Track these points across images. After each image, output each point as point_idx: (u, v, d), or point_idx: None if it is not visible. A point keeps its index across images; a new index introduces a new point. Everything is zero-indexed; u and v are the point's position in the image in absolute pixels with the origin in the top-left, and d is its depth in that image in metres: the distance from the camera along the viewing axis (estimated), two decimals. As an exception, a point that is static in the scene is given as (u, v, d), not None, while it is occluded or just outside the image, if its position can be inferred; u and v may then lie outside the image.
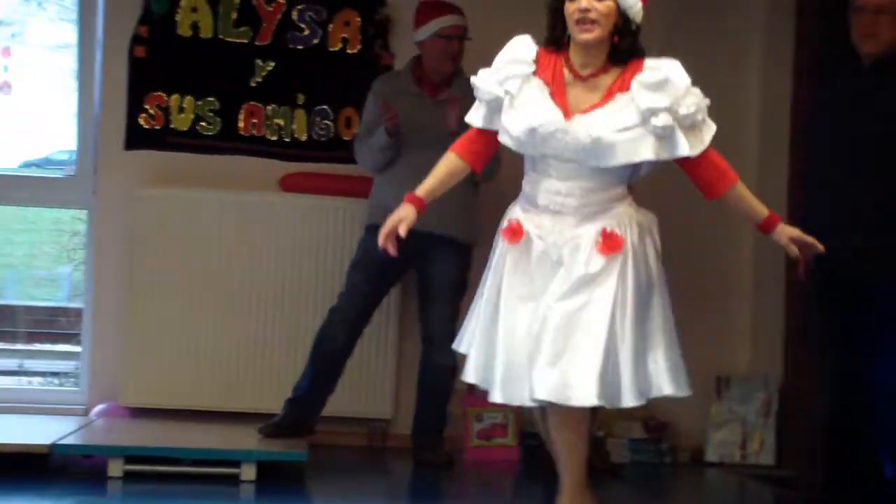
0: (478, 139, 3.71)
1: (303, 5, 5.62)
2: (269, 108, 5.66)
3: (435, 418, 5.24)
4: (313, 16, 5.64)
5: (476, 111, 3.68)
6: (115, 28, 5.56)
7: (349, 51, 5.66)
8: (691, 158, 3.58)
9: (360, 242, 5.18)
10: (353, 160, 5.44)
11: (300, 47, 5.64)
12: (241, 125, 5.64)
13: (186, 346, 5.44)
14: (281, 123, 5.67)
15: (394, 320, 5.55)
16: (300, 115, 5.67)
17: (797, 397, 5.57)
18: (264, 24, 5.62)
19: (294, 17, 5.63)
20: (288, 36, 5.64)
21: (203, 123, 5.63)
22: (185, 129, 5.63)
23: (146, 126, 5.60)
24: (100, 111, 5.63)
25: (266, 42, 5.62)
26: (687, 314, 5.64)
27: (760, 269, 5.82)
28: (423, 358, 5.20)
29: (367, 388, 5.50)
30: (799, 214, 4.33)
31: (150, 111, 5.60)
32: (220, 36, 5.61)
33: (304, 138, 5.68)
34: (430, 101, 5.11)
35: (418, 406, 5.28)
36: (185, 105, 5.62)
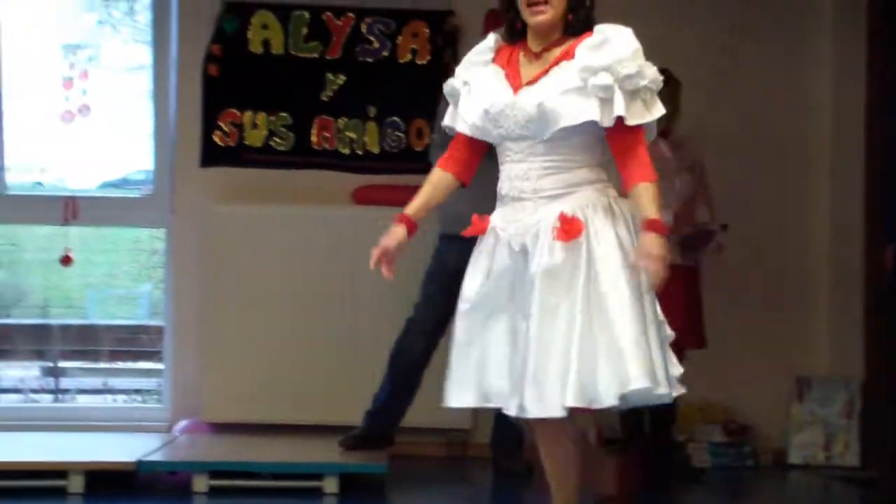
0: (461, 146, 3.51)
1: (372, 18, 5.63)
2: (340, 121, 5.66)
3: (514, 427, 5.19)
4: (382, 28, 5.64)
5: (449, 115, 3.52)
6: (189, 48, 5.60)
7: (418, 62, 5.65)
8: (621, 133, 3.26)
9: (434, 253, 5.14)
10: (425, 171, 5.33)
11: (370, 60, 5.64)
12: (313, 139, 5.66)
13: (266, 361, 5.44)
14: (353, 136, 5.67)
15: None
16: (372, 127, 5.66)
17: (880, 398, 5.47)
18: (334, 39, 5.63)
19: (363, 31, 5.63)
20: (357, 49, 5.64)
21: (276, 139, 5.65)
22: (258, 145, 5.65)
23: (221, 143, 5.63)
24: (175, 130, 5.66)
25: (336, 56, 5.63)
26: (766, 316, 5.70)
27: (839, 270, 5.72)
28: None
29: (435, 397, 5.44)
30: (876, 215, 4.27)
31: (225, 128, 5.63)
32: (291, 52, 5.63)
33: (376, 150, 5.68)
34: None
35: (497, 415, 5.24)
36: (258, 121, 5.64)
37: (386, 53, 5.65)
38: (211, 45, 5.57)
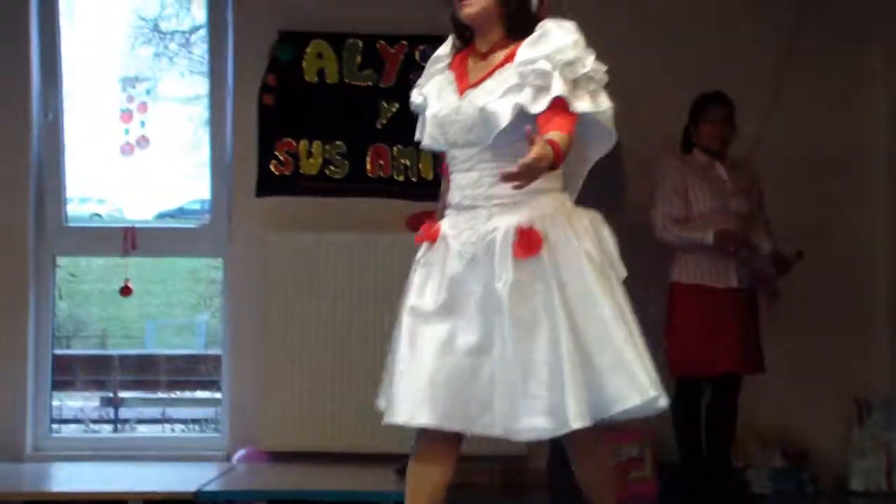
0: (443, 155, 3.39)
1: (425, 45, 5.56)
2: (395, 148, 5.65)
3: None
4: (435, 56, 5.63)
5: (417, 128, 3.41)
6: (245, 78, 5.61)
7: (472, 89, 5.63)
8: (551, 113, 3.04)
9: None
10: None
11: (423, 87, 5.63)
12: (368, 167, 5.65)
13: (323, 389, 5.42)
14: (407, 163, 5.65)
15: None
16: (426, 155, 5.61)
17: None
18: (388, 66, 5.62)
19: (417, 58, 5.59)
20: (411, 76, 5.55)
21: (331, 167, 5.64)
22: (314, 173, 5.65)
23: (277, 172, 5.62)
24: (231, 160, 5.67)
25: (390, 84, 5.63)
26: (825, 338, 5.60)
27: (898, 291, 5.64)
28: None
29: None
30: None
31: (280, 157, 5.63)
32: (346, 80, 5.63)
33: (430, 177, 5.63)
34: None
35: (552, 441, 5.17)
36: (313, 150, 5.64)
37: (439, 80, 5.63)
38: (266, 74, 5.58)
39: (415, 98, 3.41)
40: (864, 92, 5.75)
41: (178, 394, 6.75)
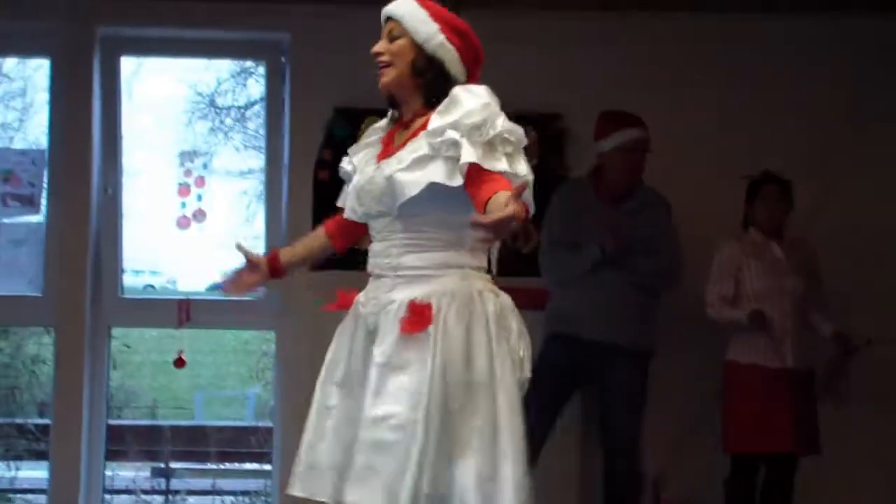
0: (344, 221, 3.39)
1: (477, 122, 5.61)
2: (447, 224, 5.63)
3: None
4: (490, 133, 5.62)
5: (340, 198, 3.40)
6: (300, 153, 5.61)
7: (526, 165, 5.61)
8: (478, 180, 2.88)
9: (540, 353, 5.04)
10: (533, 273, 5.37)
11: (477, 163, 5.62)
12: (423, 242, 5.63)
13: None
14: (460, 239, 5.63)
15: (576, 430, 5.40)
16: (476, 229, 5.62)
17: None
18: (442, 143, 5.62)
19: (469, 134, 5.61)
20: (463, 152, 5.62)
21: (385, 242, 5.63)
22: (367, 247, 5.63)
23: (330, 246, 5.62)
24: (286, 234, 5.64)
25: (445, 160, 5.61)
26: (880, 418, 5.48)
27: None
28: (607, 468, 5.02)
29: (551, 500, 5.33)
30: None
31: (334, 232, 5.62)
32: (400, 156, 5.63)
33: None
34: (612, 211, 4.98)
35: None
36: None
37: (494, 157, 5.62)
38: (322, 150, 5.57)
39: (345, 165, 3.34)
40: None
41: (229, 465, 6.74)
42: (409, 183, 2.98)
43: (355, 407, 3.04)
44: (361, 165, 3.22)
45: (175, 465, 6.49)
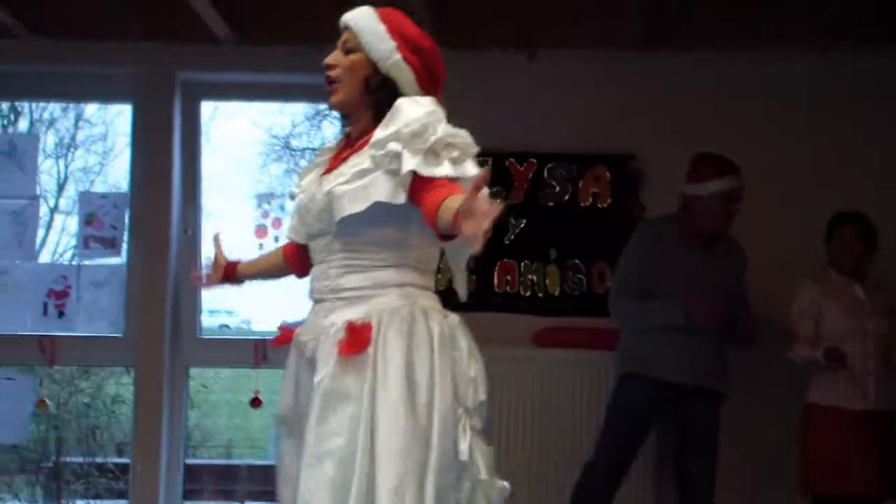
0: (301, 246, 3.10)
1: (553, 163, 5.57)
2: (522, 264, 5.57)
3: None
4: (564, 173, 5.57)
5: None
6: (375, 195, 5.61)
7: (600, 205, 5.56)
8: (425, 189, 2.71)
9: (616, 393, 4.96)
10: (606, 313, 5.26)
11: (551, 204, 5.57)
12: (495, 282, 5.57)
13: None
14: (534, 279, 5.57)
15: (651, 470, 5.29)
16: (552, 270, 5.57)
17: None
18: (516, 184, 5.58)
19: (545, 176, 5.57)
20: (539, 193, 5.58)
21: (459, 282, 5.59)
22: (442, 288, 5.55)
23: (405, 287, 5.59)
24: (360, 274, 5.65)
25: (518, 201, 5.57)
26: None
27: None
28: (682, 506, 4.93)
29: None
30: None
31: (409, 273, 5.60)
32: (475, 197, 5.59)
33: (556, 293, 5.56)
34: (701, 256, 4.87)
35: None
36: (441, 265, 5.57)
37: (567, 197, 5.57)
38: (398, 193, 5.57)
39: (294, 189, 3.14)
40: None
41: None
42: (350, 199, 2.80)
43: (298, 441, 2.87)
44: (307, 186, 3.02)
45: (250, 504, 6.48)
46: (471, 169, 2.74)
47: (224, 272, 3.36)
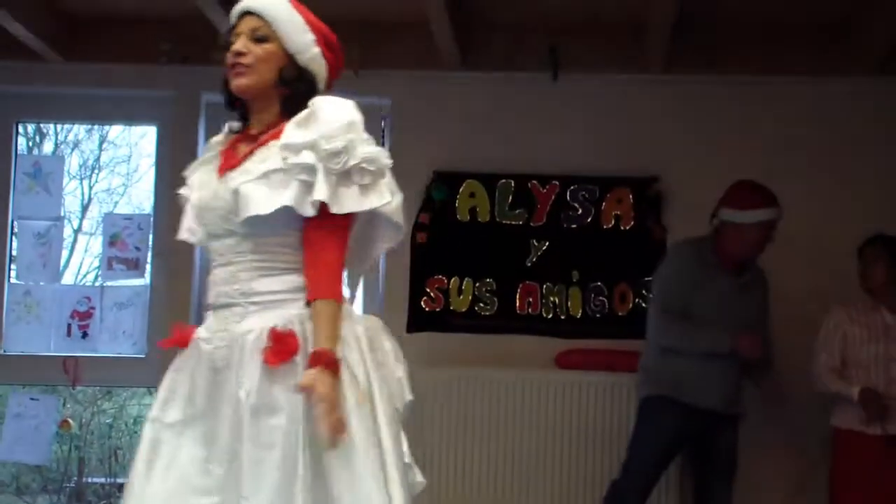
0: None
1: (576, 185, 5.55)
2: (544, 286, 5.54)
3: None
4: (586, 195, 5.55)
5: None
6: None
7: (622, 227, 5.52)
8: (318, 222, 2.62)
9: (645, 415, 4.85)
10: (628, 335, 5.33)
11: (574, 226, 5.54)
12: (517, 304, 5.53)
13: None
14: (556, 301, 5.52)
15: (674, 495, 5.22)
16: (575, 292, 5.52)
17: None
18: (539, 206, 5.55)
19: (567, 198, 5.55)
20: (562, 216, 5.55)
21: (481, 304, 5.55)
22: (464, 310, 5.57)
23: (427, 309, 5.55)
24: (383, 296, 5.61)
25: (540, 223, 5.55)
26: None
27: None
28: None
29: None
30: None
31: (431, 294, 5.55)
32: (497, 219, 5.56)
33: (578, 315, 5.52)
34: (734, 280, 4.78)
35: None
36: (464, 287, 5.56)
37: (590, 219, 5.54)
38: (420, 213, 5.53)
39: (183, 191, 2.92)
40: None
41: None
42: (258, 199, 2.64)
43: (198, 456, 2.67)
44: (198, 183, 2.83)
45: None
46: (375, 197, 2.68)
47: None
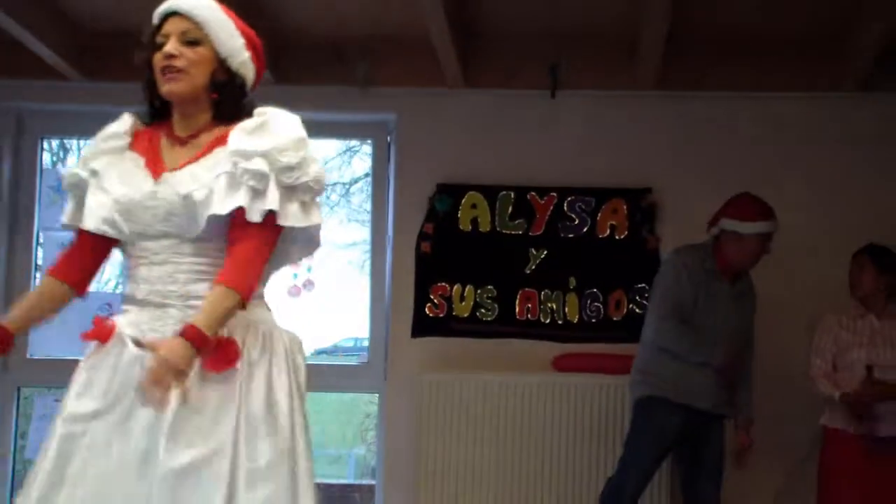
0: (81, 249, 2.77)
1: (573, 197, 5.60)
2: (542, 293, 5.59)
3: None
4: (583, 206, 5.60)
5: (69, 212, 2.80)
6: (403, 227, 5.64)
7: (617, 236, 5.58)
8: (248, 225, 2.58)
9: (643, 414, 4.83)
10: (623, 340, 5.39)
11: (571, 235, 5.59)
12: (517, 310, 5.59)
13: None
14: (553, 307, 5.59)
15: (665, 493, 5.25)
16: (572, 298, 5.58)
17: None
18: (538, 216, 5.60)
19: (565, 208, 5.60)
20: (559, 226, 5.61)
21: (482, 310, 5.60)
22: (465, 315, 5.61)
23: (431, 314, 5.60)
24: (389, 302, 5.66)
25: (539, 232, 5.60)
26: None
27: None
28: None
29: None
30: None
31: (435, 300, 5.61)
32: (498, 229, 5.61)
33: (575, 320, 5.57)
34: (730, 288, 4.82)
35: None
36: (466, 294, 5.61)
37: (586, 229, 5.59)
38: (424, 223, 5.60)
39: (77, 171, 2.76)
40: None
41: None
42: (209, 204, 2.59)
43: (124, 450, 2.56)
44: (115, 176, 2.71)
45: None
46: (316, 217, 2.67)
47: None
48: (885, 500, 4.72)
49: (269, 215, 2.59)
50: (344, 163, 6.98)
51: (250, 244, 2.58)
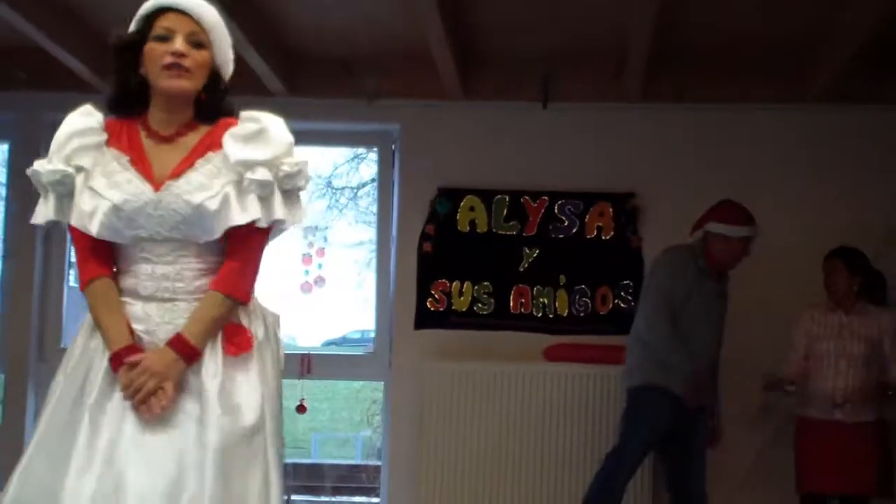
0: (98, 245, 2.63)
1: (563, 200, 5.70)
2: (535, 288, 5.69)
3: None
4: (572, 209, 5.70)
5: (44, 208, 2.65)
6: (407, 228, 5.74)
7: (603, 237, 5.68)
8: (249, 232, 2.59)
9: (642, 403, 4.84)
10: (608, 332, 5.54)
11: (561, 236, 5.69)
12: (511, 304, 5.69)
13: (474, 499, 5.41)
14: (545, 302, 5.69)
15: (648, 478, 5.34)
16: (562, 294, 5.69)
17: None
18: (530, 218, 5.70)
19: (556, 211, 5.70)
20: (550, 227, 5.70)
21: (479, 304, 5.70)
22: (464, 309, 5.72)
23: (432, 308, 5.71)
24: (394, 297, 5.76)
25: (532, 233, 5.69)
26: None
27: None
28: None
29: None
30: None
31: (436, 296, 5.71)
32: (494, 230, 5.70)
33: (565, 314, 5.68)
34: (715, 286, 4.91)
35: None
36: (464, 289, 5.71)
37: (575, 230, 5.69)
38: (426, 225, 5.71)
39: (62, 168, 2.61)
40: None
41: (341, 498, 6.78)
42: (223, 217, 2.57)
43: (133, 433, 2.49)
44: (104, 180, 2.60)
45: (296, 497, 6.56)
46: (301, 214, 2.68)
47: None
48: (844, 475, 4.87)
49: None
50: (352, 169, 7.12)
51: (251, 248, 2.62)
